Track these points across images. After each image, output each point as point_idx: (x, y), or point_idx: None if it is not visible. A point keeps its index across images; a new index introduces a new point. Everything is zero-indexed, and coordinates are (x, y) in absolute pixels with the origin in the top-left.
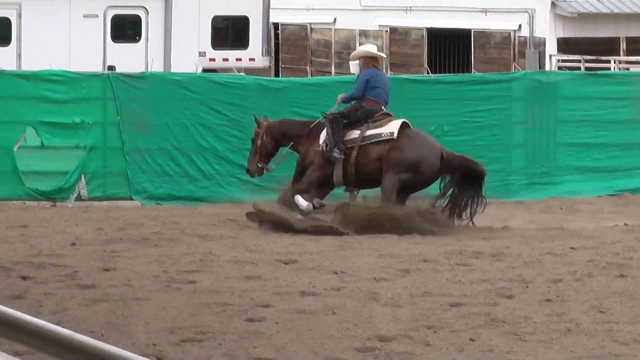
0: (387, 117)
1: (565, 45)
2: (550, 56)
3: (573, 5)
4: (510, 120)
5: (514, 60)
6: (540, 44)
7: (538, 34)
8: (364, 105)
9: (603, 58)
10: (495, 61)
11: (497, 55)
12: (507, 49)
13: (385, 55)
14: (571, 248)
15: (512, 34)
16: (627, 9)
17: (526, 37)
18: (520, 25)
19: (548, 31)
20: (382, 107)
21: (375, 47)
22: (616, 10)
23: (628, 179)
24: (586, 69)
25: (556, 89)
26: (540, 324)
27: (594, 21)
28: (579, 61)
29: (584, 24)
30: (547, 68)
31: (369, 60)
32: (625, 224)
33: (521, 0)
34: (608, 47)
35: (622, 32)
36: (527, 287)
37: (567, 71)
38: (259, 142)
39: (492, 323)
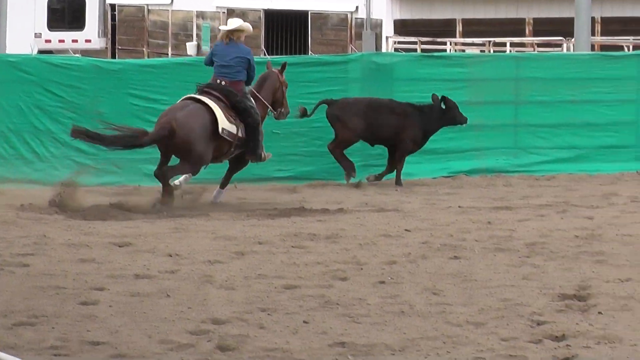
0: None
1: (402, 27)
2: (387, 38)
3: None
4: None
5: (351, 42)
6: (377, 26)
7: (375, 15)
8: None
9: (439, 40)
10: (333, 43)
11: (334, 37)
12: (344, 30)
13: (244, 26)
14: (406, 230)
15: (349, 15)
16: None
17: (363, 18)
18: (357, 7)
19: (385, 13)
20: (220, 81)
21: (238, 22)
22: None
23: (462, 161)
24: (422, 50)
25: (392, 71)
26: (374, 305)
27: (431, 3)
28: (415, 43)
29: (421, 6)
30: (384, 50)
31: (224, 36)
32: (459, 206)
33: None
34: (444, 29)
35: (458, 14)
36: (362, 269)
37: (403, 53)
38: None
39: (326, 305)
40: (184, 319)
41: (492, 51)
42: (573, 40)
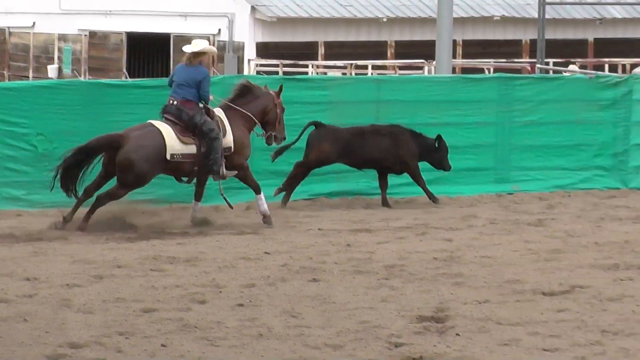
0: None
1: (264, 50)
2: (249, 61)
3: (272, 10)
4: None
5: (213, 64)
6: (239, 49)
7: (237, 38)
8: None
9: (301, 62)
10: None
11: None
12: None
13: (206, 49)
14: (265, 252)
15: (211, 38)
16: (326, 14)
17: (225, 41)
18: (219, 30)
19: (247, 36)
20: (173, 101)
21: (201, 44)
22: (315, 15)
23: (323, 184)
24: (284, 73)
25: None
26: (232, 328)
27: (293, 26)
28: (277, 65)
29: (283, 29)
30: (246, 72)
31: (185, 57)
32: (319, 229)
33: (221, 5)
34: (306, 51)
35: (320, 36)
36: (221, 292)
37: (265, 75)
38: None
39: (185, 328)
40: (42, 344)
41: (353, 74)
42: (434, 62)
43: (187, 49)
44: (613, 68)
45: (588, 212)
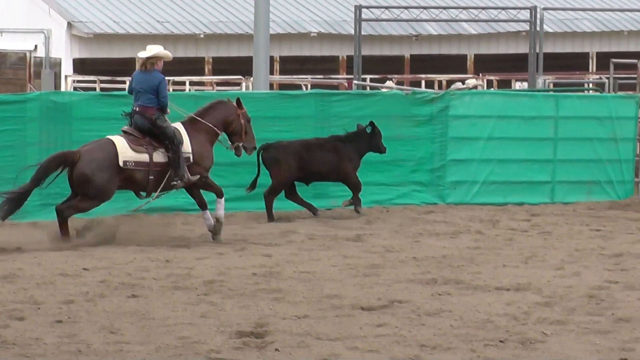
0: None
1: (81, 66)
2: (66, 77)
3: (89, 26)
4: (25, 141)
5: (30, 81)
6: (56, 65)
7: (54, 54)
8: None
9: (118, 79)
10: (11, 82)
11: (12, 76)
12: (22, 69)
13: (160, 53)
14: (84, 269)
15: (27, 54)
16: (143, 30)
17: (42, 57)
18: (36, 46)
19: (64, 52)
20: (135, 107)
21: (155, 49)
22: (131, 31)
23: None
24: (102, 89)
25: (71, 110)
26: (51, 345)
27: (110, 42)
28: (95, 82)
29: (100, 45)
30: (63, 89)
31: (140, 63)
32: (138, 245)
33: (37, 21)
34: (124, 67)
35: (138, 52)
36: (39, 308)
37: (82, 92)
38: None
39: (3, 345)
40: None
41: (171, 90)
42: (252, 79)
43: (141, 54)
44: (429, 84)
45: (406, 227)
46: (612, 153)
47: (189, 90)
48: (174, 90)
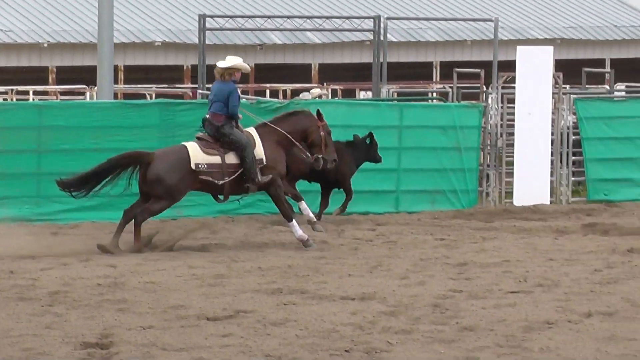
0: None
1: None
2: None
3: None
4: None
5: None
6: None
7: None
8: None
9: None
10: None
11: None
12: None
13: (237, 65)
14: None
15: None
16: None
17: None
18: None
19: None
20: (208, 115)
21: (234, 60)
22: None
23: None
24: None
25: None
26: None
27: None
28: None
29: None
30: None
31: (218, 73)
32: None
33: None
34: None
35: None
36: None
37: None
38: None
39: None
40: None
41: (15, 99)
42: (96, 88)
43: (220, 64)
44: (274, 93)
45: (252, 237)
46: (456, 162)
47: (33, 99)
48: (17, 99)
